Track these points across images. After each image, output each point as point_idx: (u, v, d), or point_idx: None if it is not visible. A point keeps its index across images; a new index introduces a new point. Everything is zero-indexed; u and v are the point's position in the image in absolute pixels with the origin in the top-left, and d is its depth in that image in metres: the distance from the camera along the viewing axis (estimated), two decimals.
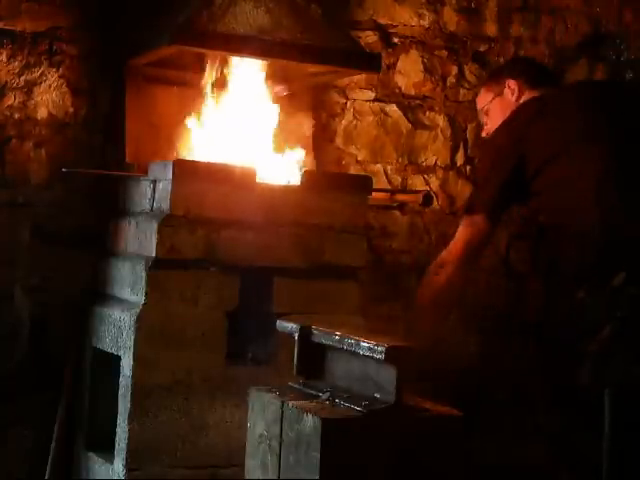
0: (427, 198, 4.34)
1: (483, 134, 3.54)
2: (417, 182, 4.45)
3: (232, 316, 3.44)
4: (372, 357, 2.05)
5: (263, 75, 3.76)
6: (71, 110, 3.83)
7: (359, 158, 4.35)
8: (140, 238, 3.49)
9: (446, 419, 2.13)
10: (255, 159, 3.70)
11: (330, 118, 4.30)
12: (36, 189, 3.78)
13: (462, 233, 3.07)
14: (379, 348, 2.02)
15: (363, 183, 3.81)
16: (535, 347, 4.60)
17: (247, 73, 3.73)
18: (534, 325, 4.62)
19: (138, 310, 3.34)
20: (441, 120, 4.49)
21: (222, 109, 3.77)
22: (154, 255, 3.36)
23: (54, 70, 3.80)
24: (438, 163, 4.50)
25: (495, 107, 3.44)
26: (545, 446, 2.49)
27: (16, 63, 3.75)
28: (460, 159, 4.54)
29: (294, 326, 2.60)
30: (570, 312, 2.31)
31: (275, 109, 3.82)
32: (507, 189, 3.02)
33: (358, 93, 4.36)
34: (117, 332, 3.45)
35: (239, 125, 3.77)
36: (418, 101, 4.47)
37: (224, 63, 3.71)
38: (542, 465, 2.55)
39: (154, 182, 3.52)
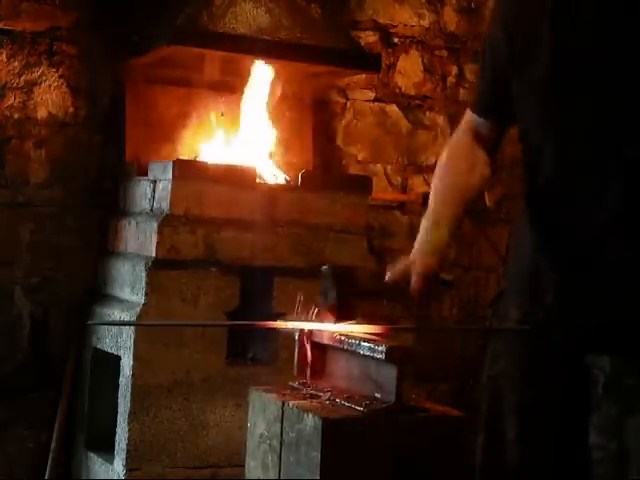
0: (427, 198, 4.34)
1: None
2: (417, 182, 4.45)
3: (232, 316, 3.44)
4: (372, 357, 2.05)
5: (264, 75, 3.76)
6: (71, 110, 3.83)
7: (359, 158, 4.35)
8: (140, 238, 3.49)
9: (446, 419, 2.13)
10: (255, 159, 3.70)
11: (330, 118, 4.30)
12: (36, 189, 3.78)
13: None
14: (379, 348, 2.02)
15: (363, 183, 3.81)
16: None
17: (247, 73, 3.73)
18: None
19: (138, 310, 3.34)
20: (441, 120, 4.49)
21: (223, 109, 3.77)
22: (154, 255, 3.36)
23: (54, 70, 3.80)
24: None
25: None
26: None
27: (16, 63, 3.75)
28: None
29: None
30: None
31: (275, 109, 3.82)
32: None
33: (358, 93, 4.36)
34: (117, 332, 3.45)
35: (239, 125, 3.77)
36: (418, 101, 4.47)
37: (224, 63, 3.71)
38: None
39: (154, 182, 3.52)
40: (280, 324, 2.40)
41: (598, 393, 1.96)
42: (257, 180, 3.54)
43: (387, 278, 2.24)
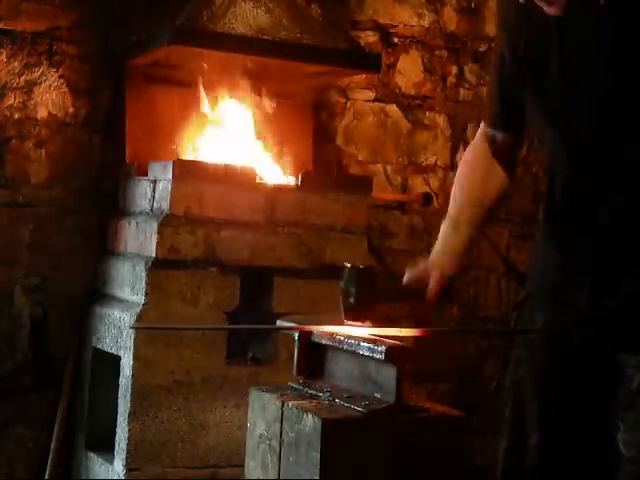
0: (427, 198, 4.35)
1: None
2: (417, 182, 4.45)
3: (232, 316, 3.44)
4: (372, 357, 2.04)
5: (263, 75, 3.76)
6: (71, 110, 3.83)
7: (359, 158, 4.35)
8: (140, 238, 3.49)
9: (446, 419, 2.13)
10: (255, 159, 3.70)
11: (330, 118, 4.30)
12: (36, 189, 3.78)
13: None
14: (379, 348, 2.02)
15: (363, 183, 3.81)
16: None
17: (247, 73, 3.73)
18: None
19: (138, 310, 3.34)
20: (441, 120, 4.49)
21: (222, 109, 3.77)
22: (154, 255, 3.36)
23: (54, 70, 3.80)
24: (438, 163, 4.50)
25: None
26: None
27: (16, 63, 3.75)
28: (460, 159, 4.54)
29: None
30: None
31: (275, 109, 3.82)
32: None
33: (358, 93, 4.36)
34: (117, 332, 3.46)
35: (239, 125, 3.77)
36: (418, 101, 4.47)
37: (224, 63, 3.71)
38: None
39: (154, 182, 3.52)
40: (281, 325, 2.40)
41: (633, 391, 1.96)
42: (257, 180, 3.54)
43: (405, 279, 2.25)
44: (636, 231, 1.93)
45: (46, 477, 3.68)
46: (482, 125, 2.31)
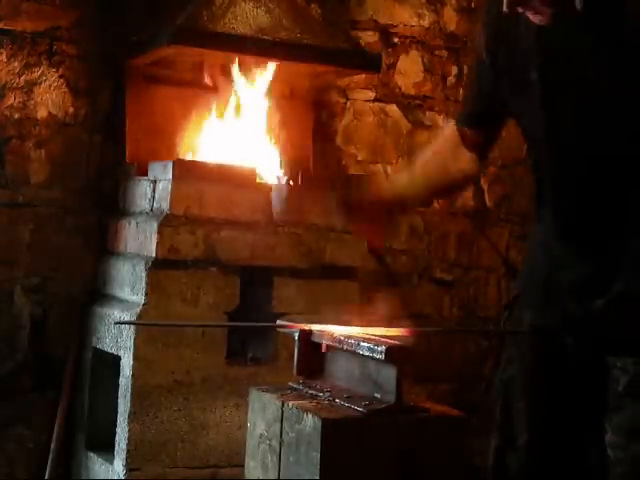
0: None
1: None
2: None
3: (232, 316, 3.44)
4: (372, 357, 2.05)
5: (264, 75, 3.76)
6: (71, 110, 3.83)
7: (359, 158, 4.35)
8: (140, 238, 3.49)
9: (446, 419, 2.13)
10: (255, 159, 3.70)
11: (330, 118, 4.30)
12: (36, 189, 3.78)
13: None
14: (379, 348, 2.02)
15: (363, 183, 3.81)
16: None
17: (247, 73, 3.73)
18: None
19: (138, 310, 3.34)
20: (441, 120, 4.49)
21: (222, 109, 3.77)
22: (154, 255, 3.36)
23: (54, 70, 3.80)
24: None
25: None
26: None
27: (16, 63, 3.74)
28: None
29: None
30: None
31: (275, 109, 3.82)
32: None
33: (358, 93, 4.36)
34: (117, 332, 3.46)
35: (239, 125, 3.78)
36: (418, 101, 4.47)
37: (225, 63, 3.71)
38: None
39: (154, 182, 3.52)
40: (281, 324, 2.40)
41: (619, 393, 1.96)
42: (257, 180, 3.54)
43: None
44: (625, 233, 1.93)
45: (46, 477, 3.68)
46: (450, 124, 2.33)
